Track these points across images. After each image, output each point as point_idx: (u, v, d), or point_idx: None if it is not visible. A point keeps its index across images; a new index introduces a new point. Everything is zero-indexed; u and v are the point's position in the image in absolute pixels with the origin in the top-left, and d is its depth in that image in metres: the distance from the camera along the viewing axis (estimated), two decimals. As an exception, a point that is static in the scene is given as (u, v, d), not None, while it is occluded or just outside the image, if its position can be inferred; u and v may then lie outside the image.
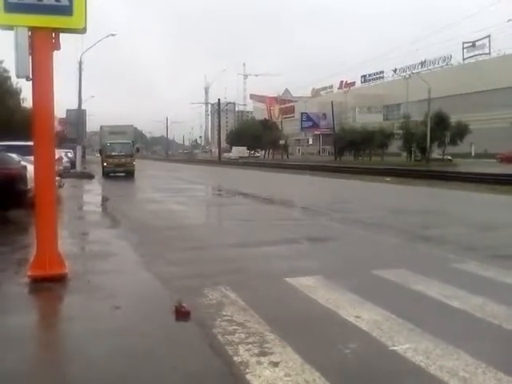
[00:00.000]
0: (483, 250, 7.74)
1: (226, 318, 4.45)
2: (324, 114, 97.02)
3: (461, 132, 56.20)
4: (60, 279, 5.68)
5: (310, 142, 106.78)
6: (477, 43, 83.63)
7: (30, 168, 8.61)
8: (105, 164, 30.79)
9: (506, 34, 76.83)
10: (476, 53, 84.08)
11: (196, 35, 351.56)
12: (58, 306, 5.32)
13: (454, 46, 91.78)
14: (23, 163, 11.83)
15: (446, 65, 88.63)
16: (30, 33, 5.55)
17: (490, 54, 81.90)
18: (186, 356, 3.76)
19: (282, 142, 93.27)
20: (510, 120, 72.01)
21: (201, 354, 3.76)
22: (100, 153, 34.10)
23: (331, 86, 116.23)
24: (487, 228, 10.08)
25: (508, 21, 41.03)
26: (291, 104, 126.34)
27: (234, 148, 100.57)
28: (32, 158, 6.25)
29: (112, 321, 4.50)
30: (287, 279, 5.77)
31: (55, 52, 5.78)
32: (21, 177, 11.16)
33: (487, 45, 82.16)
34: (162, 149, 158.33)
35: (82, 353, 3.82)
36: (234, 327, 4.21)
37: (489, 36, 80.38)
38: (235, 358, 3.61)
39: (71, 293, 5.47)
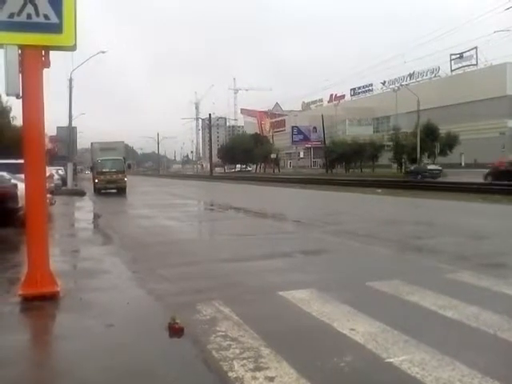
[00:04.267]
0: (476, 259, 7.76)
1: (220, 333, 4.41)
2: (314, 128, 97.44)
3: (450, 142, 56.69)
4: (52, 297, 5.63)
5: (301, 156, 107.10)
6: (464, 55, 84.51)
7: (21, 186, 8.58)
8: (96, 181, 30.72)
9: (493, 45, 78.27)
10: (463, 64, 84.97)
11: (185, 51, 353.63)
12: (50, 324, 5.26)
13: (442, 58, 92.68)
14: (14, 181, 11.80)
15: (435, 76, 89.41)
16: (19, 51, 5.55)
17: (477, 65, 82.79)
18: (181, 373, 3.72)
19: (273, 155, 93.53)
20: (499, 130, 72.79)
21: (195, 371, 3.73)
22: (91, 169, 34.04)
23: (321, 100, 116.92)
24: (479, 237, 10.12)
25: (494, 32, 41.64)
26: (282, 118, 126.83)
27: (174, 165, 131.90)
28: (23, 175, 6.22)
29: (105, 339, 4.45)
30: (281, 293, 5.75)
31: (45, 69, 5.79)
32: (11, 195, 11.13)
33: (474, 56, 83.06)
34: (154, 165, 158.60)
35: (74, 372, 3.77)
36: (228, 342, 4.18)
37: (476, 47, 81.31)
38: (230, 374, 3.58)
39: (63, 311, 5.41)
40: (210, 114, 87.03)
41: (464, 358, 3.75)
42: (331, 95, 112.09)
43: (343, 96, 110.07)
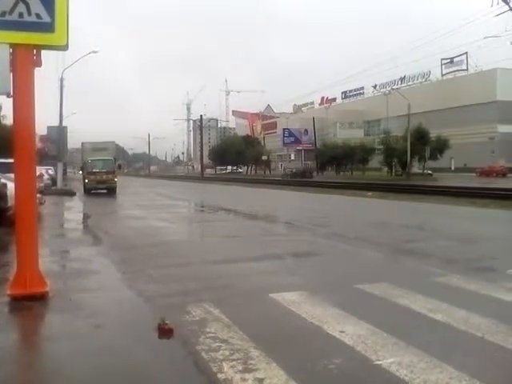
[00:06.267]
0: (465, 262, 7.82)
1: (210, 334, 4.41)
2: (306, 130, 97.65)
3: (440, 147, 56.96)
4: (41, 298, 5.60)
5: (293, 158, 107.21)
6: (455, 59, 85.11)
7: (11, 185, 8.53)
8: (86, 181, 30.60)
9: (483, 51, 78.71)
10: (454, 69, 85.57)
11: (178, 52, 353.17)
12: (39, 325, 5.24)
13: (433, 63, 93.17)
14: (3, 181, 11.72)
15: (425, 80, 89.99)
16: (11, 49, 5.53)
17: (467, 70, 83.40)
18: (170, 374, 3.72)
19: (264, 157, 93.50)
20: (489, 135, 73.34)
21: (184, 372, 3.73)
22: (81, 170, 33.91)
23: (312, 103, 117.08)
24: (468, 241, 10.19)
25: (485, 38, 41.83)
26: (273, 120, 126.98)
27: (152, 167, 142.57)
28: (13, 175, 6.18)
29: (94, 339, 4.43)
30: (271, 295, 5.75)
31: (36, 68, 5.77)
32: (1, 194, 11.05)
33: (465, 61, 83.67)
34: (145, 165, 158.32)
35: (63, 372, 3.76)
36: (217, 344, 4.17)
37: (466, 53, 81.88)
38: (219, 376, 3.57)
39: (52, 312, 5.39)
40: (201, 116, 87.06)
41: (452, 360, 3.77)
42: (322, 98, 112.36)
43: (334, 99, 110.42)
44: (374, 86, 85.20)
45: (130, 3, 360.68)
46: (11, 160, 6.14)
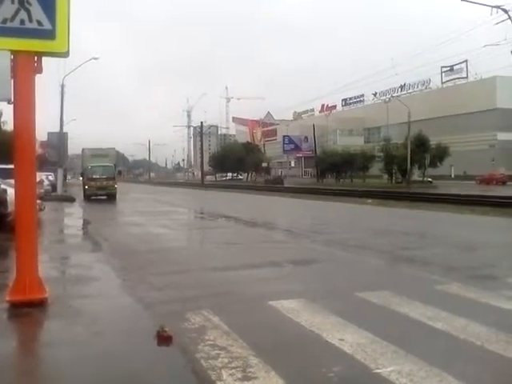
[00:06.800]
0: (465, 270, 7.80)
1: (209, 342, 4.40)
2: (306, 137, 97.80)
3: (440, 154, 57.08)
4: (40, 304, 5.59)
5: (293, 165, 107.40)
6: (455, 67, 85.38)
7: (11, 191, 8.54)
8: (86, 187, 30.64)
9: (483, 59, 78.98)
10: (454, 77, 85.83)
11: (178, 59, 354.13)
12: (38, 331, 5.22)
13: (433, 70, 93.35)
14: (3, 186, 11.73)
15: (425, 88, 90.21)
16: (12, 56, 5.55)
17: (467, 77, 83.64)
18: (169, 381, 3.71)
19: (264, 164, 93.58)
20: (489, 142, 73.45)
21: (183, 379, 3.72)
22: (82, 176, 33.97)
23: (312, 110, 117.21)
24: (468, 248, 10.18)
25: (484, 46, 41.93)
26: (273, 127, 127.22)
27: (153, 173, 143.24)
28: (13, 181, 6.19)
29: (93, 346, 4.42)
30: (271, 302, 5.74)
31: (37, 75, 5.78)
32: (1, 200, 11.06)
33: (465, 69, 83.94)
34: (145, 171, 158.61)
35: (62, 379, 3.75)
36: (217, 351, 4.16)
37: (466, 61, 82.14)
38: (218, 383, 3.56)
39: (51, 318, 5.38)
40: (201, 122, 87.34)
41: (452, 369, 3.76)
42: (323, 105, 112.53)
43: (335, 106, 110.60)
44: (374, 94, 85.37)
45: (130, 10, 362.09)
46: (11, 166, 6.14)
